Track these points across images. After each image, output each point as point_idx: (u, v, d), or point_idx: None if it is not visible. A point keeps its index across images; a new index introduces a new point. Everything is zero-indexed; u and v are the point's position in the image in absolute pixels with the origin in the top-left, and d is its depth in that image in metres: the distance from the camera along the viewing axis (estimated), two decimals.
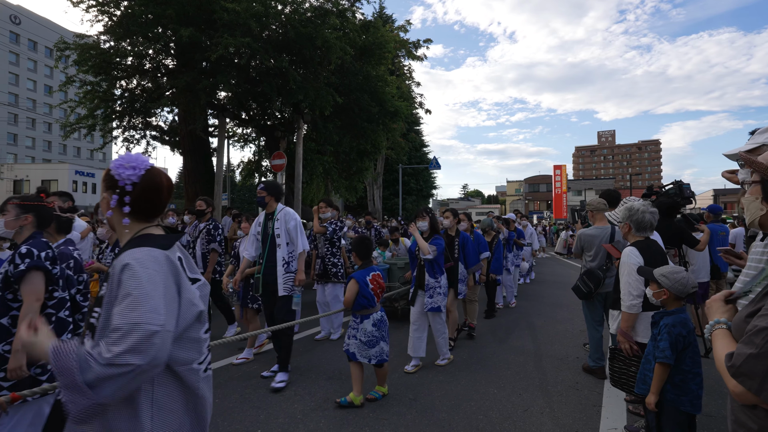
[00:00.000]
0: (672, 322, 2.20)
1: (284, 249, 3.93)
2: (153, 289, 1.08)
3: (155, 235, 1.24)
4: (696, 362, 2.20)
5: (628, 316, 2.69)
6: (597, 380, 3.93)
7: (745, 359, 1.05)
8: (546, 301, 7.97)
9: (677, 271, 2.27)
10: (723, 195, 43.10)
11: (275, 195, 4.02)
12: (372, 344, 3.33)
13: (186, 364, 1.17)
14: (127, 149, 12.49)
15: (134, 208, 1.25)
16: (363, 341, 3.32)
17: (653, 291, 2.29)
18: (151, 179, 1.26)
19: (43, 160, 50.48)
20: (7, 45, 47.98)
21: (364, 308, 3.37)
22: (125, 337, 1.00)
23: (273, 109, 12.20)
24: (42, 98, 52.01)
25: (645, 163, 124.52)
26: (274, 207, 4.00)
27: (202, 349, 1.24)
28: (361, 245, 3.55)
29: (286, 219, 3.95)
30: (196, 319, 1.21)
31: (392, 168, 25.97)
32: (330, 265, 5.35)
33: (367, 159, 15.25)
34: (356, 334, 3.37)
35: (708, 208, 5.99)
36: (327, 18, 9.53)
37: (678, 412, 2.18)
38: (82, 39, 9.95)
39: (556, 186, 43.37)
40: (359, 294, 3.34)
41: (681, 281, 2.21)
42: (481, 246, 5.60)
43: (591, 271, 3.91)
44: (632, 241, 2.84)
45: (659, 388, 2.20)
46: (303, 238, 3.98)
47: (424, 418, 3.18)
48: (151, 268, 1.11)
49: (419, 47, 14.40)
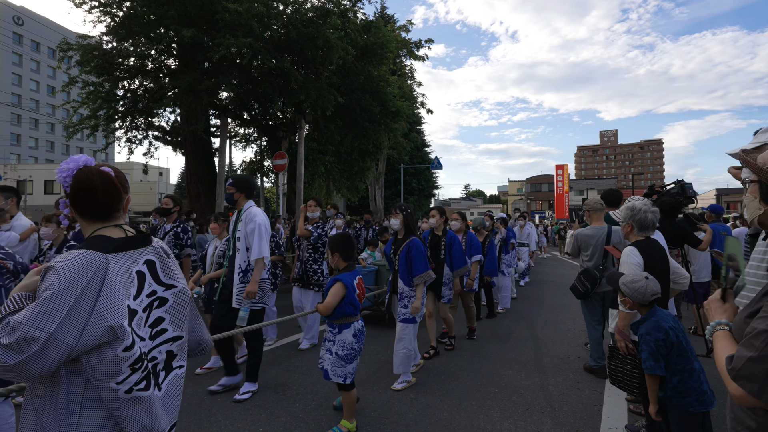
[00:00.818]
0: (646, 330, 2.21)
1: (242, 254, 3.53)
2: (60, 295, 1.04)
3: (104, 237, 1.21)
4: (686, 358, 2.16)
5: (624, 315, 2.70)
6: (598, 379, 3.93)
7: (745, 362, 1.05)
8: (547, 300, 7.96)
9: (636, 280, 2.31)
10: (726, 195, 42.90)
11: (246, 191, 3.63)
12: (350, 359, 2.86)
13: (101, 380, 1.11)
14: (129, 150, 12.56)
15: (75, 209, 1.25)
16: (340, 355, 2.83)
17: (620, 298, 2.39)
18: (81, 180, 1.23)
19: (46, 160, 50.65)
20: (10, 46, 48.21)
21: (347, 316, 2.89)
22: (9, 333, 1.00)
23: (275, 109, 12.23)
24: (45, 99, 52.20)
25: (647, 163, 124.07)
26: (243, 204, 3.62)
27: (122, 368, 1.12)
28: (343, 244, 3.02)
29: (247, 220, 3.53)
30: (108, 333, 1.09)
31: (394, 168, 25.98)
32: (311, 272, 4.86)
33: (368, 159, 15.26)
34: (332, 347, 2.87)
35: (709, 208, 5.98)
36: (328, 18, 9.55)
37: (687, 413, 2.12)
38: (84, 40, 9.99)
39: (558, 186, 43.29)
40: (345, 300, 2.84)
41: (639, 290, 2.27)
42: (473, 248, 5.21)
43: (588, 270, 3.91)
44: (633, 240, 2.84)
45: (655, 397, 2.20)
46: (261, 244, 3.48)
47: (425, 417, 3.19)
48: (69, 273, 1.07)
49: (421, 47, 14.39)
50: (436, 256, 4.63)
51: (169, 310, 1.32)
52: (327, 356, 2.88)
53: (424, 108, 21.09)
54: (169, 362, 1.32)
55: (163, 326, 1.30)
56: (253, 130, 15.13)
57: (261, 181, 18.48)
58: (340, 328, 2.89)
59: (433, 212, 4.75)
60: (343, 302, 2.83)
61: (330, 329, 2.93)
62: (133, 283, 1.21)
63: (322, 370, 2.90)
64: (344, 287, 2.84)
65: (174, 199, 4.97)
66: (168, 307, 1.31)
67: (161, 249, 1.33)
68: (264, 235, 3.50)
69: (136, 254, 1.24)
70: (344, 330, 2.88)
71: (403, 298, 3.84)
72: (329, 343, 2.90)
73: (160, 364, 1.28)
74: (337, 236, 3.07)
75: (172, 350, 1.33)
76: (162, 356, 1.29)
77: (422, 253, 3.79)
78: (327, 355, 2.88)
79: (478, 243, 5.32)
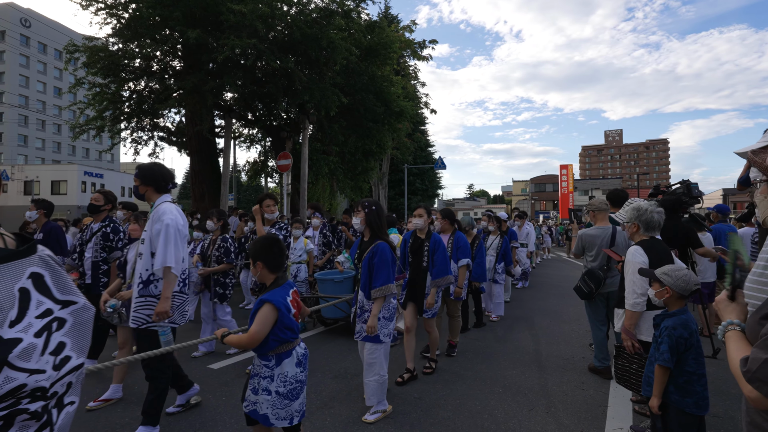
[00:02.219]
0: (673, 324, 2.19)
1: (145, 261, 2.88)
2: None
3: None
4: (700, 363, 2.19)
5: (631, 314, 2.70)
6: (602, 380, 3.92)
7: (761, 365, 1.04)
8: (551, 301, 7.94)
9: (679, 268, 2.27)
10: (732, 195, 42.54)
11: (153, 184, 2.98)
12: (295, 394, 2.20)
13: None
14: (135, 150, 12.66)
15: None
16: (282, 393, 2.15)
17: (656, 291, 2.28)
18: None
19: (52, 161, 51.12)
20: (18, 48, 48.73)
21: (285, 343, 2.18)
22: None
23: (279, 109, 12.29)
24: (51, 100, 52.73)
25: (653, 163, 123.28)
26: (154, 200, 3.01)
27: None
28: (268, 251, 2.24)
29: (154, 219, 2.91)
30: None
31: (397, 168, 25.98)
32: None
33: (372, 159, 15.28)
34: (270, 385, 2.15)
35: (715, 208, 5.94)
36: (332, 18, 9.58)
37: (683, 413, 2.17)
38: (90, 41, 10.09)
39: (562, 186, 43.15)
40: (279, 324, 2.13)
41: (683, 278, 2.20)
42: (460, 250, 4.53)
43: (592, 271, 3.90)
44: (637, 240, 2.84)
45: (661, 390, 2.20)
46: (167, 249, 2.82)
47: (428, 417, 3.19)
48: None
49: (424, 48, 14.39)
50: (418, 262, 3.93)
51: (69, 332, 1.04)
52: (264, 398, 2.14)
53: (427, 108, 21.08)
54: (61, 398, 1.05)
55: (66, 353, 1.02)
56: (257, 131, 15.19)
57: (265, 182, 18.55)
58: (278, 360, 2.17)
59: (419, 211, 3.98)
60: (276, 328, 2.13)
61: (263, 363, 2.19)
62: (13, 304, 0.92)
63: (257, 416, 2.16)
64: (275, 310, 2.11)
65: (106, 195, 4.28)
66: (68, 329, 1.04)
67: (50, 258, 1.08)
68: (172, 239, 2.84)
69: (17, 266, 0.96)
70: (284, 361, 2.18)
71: (363, 312, 3.22)
72: (265, 381, 2.15)
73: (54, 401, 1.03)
74: (261, 240, 2.29)
75: (71, 381, 1.07)
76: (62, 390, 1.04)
77: (388, 262, 3.12)
78: (264, 396, 2.14)
79: (466, 244, 4.61)
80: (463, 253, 4.55)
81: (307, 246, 5.79)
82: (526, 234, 9.05)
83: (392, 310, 3.27)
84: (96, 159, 52.77)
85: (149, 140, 12.79)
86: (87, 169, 40.54)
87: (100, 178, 41.20)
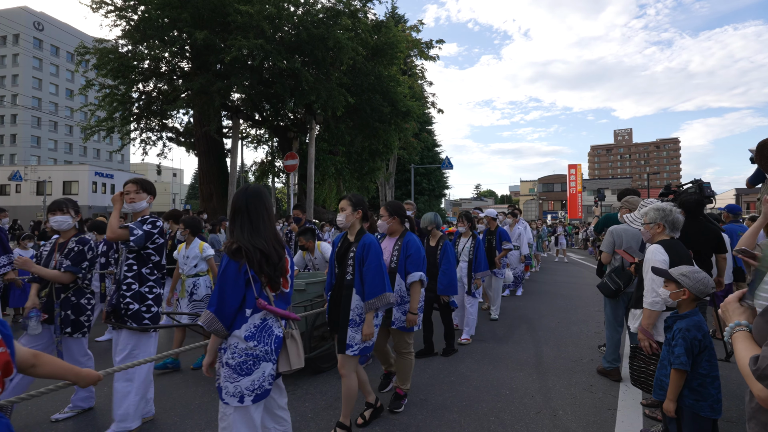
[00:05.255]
0: (686, 326, 2.16)
1: None
2: None
3: None
4: (713, 365, 2.15)
5: (650, 313, 2.66)
6: (612, 383, 3.86)
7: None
8: (559, 302, 7.86)
9: (698, 270, 2.24)
10: (746, 194, 41.84)
11: None
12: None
13: None
14: (144, 151, 12.82)
15: None
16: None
17: (671, 291, 2.25)
18: None
19: (64, 161, 51.95)
20: (31, 51, 49.64)
21: None
22: None
23: (286, 110, 12.36)
24: (64, 102, 53.60)
25: (663, 162, 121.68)
26: None
27: None
28: None
29: None
30: None
31: (404, 168, 25.97)
32: (126, 301, 2.95)
33: (379, 159, 15.30)
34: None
35: (726, 208, 5.82)
36: (339, 19, 9.61)
37: (698, 417, 2.13)
38: (101, 43, 10.24)
39: (570, 186, 42.80)
40: None
41: (702, 281, 2.18)
42: (409, 261, 3.21)
43: (622, 267, 3.81)
44: (657, 240, 2.80)
45: (676, 394, 2.16)
46: None
47: (435, 419, 3.17)
48: None
49: (431, 47, 14.38)
50: (341, 275, 2.89)
51: None
52: (222, 370, 2.03)
53: (434, 108, 21.06)
54: None
55: None
56: (264, 131, 15.30)
57: (272, 181, 18.65)
58: None
59: (342, 203, 2.94)
60: None
61: None
62: None
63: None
64: None
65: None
66: None
67: None
68: None
69: None
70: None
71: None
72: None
73: None
74: None
75: None
76: None
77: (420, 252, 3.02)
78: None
79: (419, 251, 3.25)
80: (413, 263, 3.20)
81: (204, 252, 4.39)
82: (518, 235, 8.04)
83: None
84: (107, 159, 53.51)
85: (158, 141, 12.95)
86: (98, 170, 41.13)
87: (110, 178, 41.77)
